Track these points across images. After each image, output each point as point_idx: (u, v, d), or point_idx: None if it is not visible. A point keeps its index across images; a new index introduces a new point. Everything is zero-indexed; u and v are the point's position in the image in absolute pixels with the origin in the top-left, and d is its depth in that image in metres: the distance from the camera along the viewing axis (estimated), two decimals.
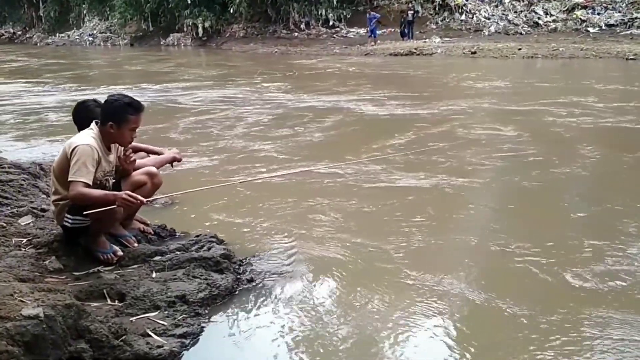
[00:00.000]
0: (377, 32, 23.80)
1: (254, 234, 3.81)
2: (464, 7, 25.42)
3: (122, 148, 3.25)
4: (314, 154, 6.13)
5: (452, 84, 12.31)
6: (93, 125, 3.10)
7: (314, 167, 5.28)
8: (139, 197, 2.89)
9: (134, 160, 3.38)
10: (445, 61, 17.57)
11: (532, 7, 24.21)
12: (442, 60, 17.85)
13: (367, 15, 24.24)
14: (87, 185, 2.87)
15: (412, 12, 24.27)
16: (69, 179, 2.88)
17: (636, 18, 21.49)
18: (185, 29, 30.57)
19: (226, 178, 5.07)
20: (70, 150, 2.93)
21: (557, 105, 8.73)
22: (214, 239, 3.50)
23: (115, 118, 3.03)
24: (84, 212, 2.90)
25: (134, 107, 3.07)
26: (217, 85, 12.73)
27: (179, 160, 3.87)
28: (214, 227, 3.81)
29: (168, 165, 3.86)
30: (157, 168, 3.60)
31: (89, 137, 3.02)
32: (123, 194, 2.86)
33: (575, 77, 13.05)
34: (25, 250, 3.13)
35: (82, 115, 3.35)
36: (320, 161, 5.71)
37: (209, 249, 3.33)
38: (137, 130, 3.15)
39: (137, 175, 3.43)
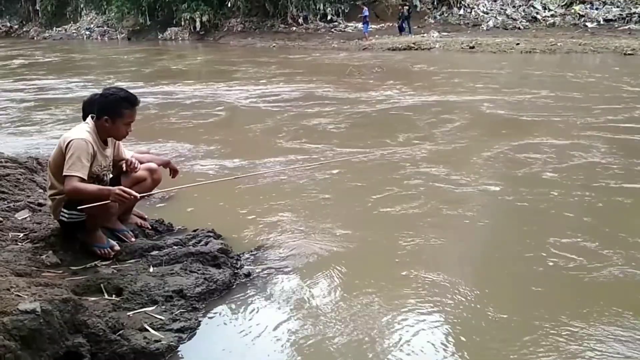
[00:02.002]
0: (367, 27, 23.67)
1: (252, 228, 3.81)
2: (462, 2, 25.36)
3: (130, 162, 3.24)
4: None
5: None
6: (89, 119, 3.09)
7: (308, 165, 5.27)
8: (133, 192, 2.88)
9: (139, 169, 3.39)
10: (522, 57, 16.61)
11: (531, 1, 24.15)
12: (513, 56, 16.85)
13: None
14: (82, 179, 2.87)
15: (406, 7, 24.08)
16: (64, 174, 2.87)
17: (634, 13, 21.45)
18: (182, 23, 30.44)
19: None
20: (65, 144, 2.93)
21: None
22: (211, 234, 3.51)
23: (110, 112, 3.01)
24: (78, 207, 2.89)
25: (130, 102, 3.06)
26: (287, 82, 11.89)
27: (175, 169, 3.89)
28: (211, 221, 3.80)
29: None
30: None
31: (83, 131, 3.01)
32: (117, 189, 2.85)
33: None
34: (22, 245, 3.12)
35: (88, 110, 3.32)
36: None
37: (207, 243, 3.33)
38: (132, 124, 3.14)
39: (138, 171, 3.43)
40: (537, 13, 23.58)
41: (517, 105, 8.42)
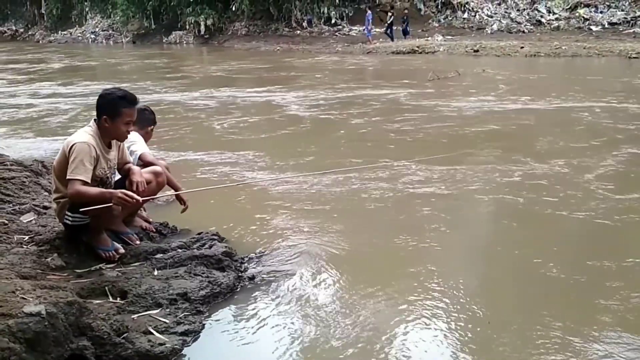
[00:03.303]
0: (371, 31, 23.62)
1: (256, 232, 3.81)
2: (466, 5, 25.36)
3: (137, 185, 3.08)
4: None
5: None
6: (92, 122, 3.10)
7: (310, 174, 5.25)
8: (136, 195, 2.89)
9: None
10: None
11: (535, 5, 24.14)
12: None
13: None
14: (84, 183, 2.88)
15: (390, 13, 23.94)
16: (67, 177, 2.88)
17: (639, 17, 21.41)
18: (187, 27, 30.55)
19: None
20: (68, 148, 2.94)
21: None
22: (215, 237, 3.51)
23: (109, 111, 3.02)
24: (80, 210, 2.90)
25: (128, 100, 3.07)
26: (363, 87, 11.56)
27: (184, 200, 3.59)
28: (215, 225, 3.81)
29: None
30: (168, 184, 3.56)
31: (86, 134, 3.02)
32: (119, 192, 2.86)
33: None
34: (27, 248, 3.13)
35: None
36: None
37: (211, 246, 3.33)
38: (131, 124, 3.12)
39: (143, 174, 3.42)
40: (541, 16, 23.56)
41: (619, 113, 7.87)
